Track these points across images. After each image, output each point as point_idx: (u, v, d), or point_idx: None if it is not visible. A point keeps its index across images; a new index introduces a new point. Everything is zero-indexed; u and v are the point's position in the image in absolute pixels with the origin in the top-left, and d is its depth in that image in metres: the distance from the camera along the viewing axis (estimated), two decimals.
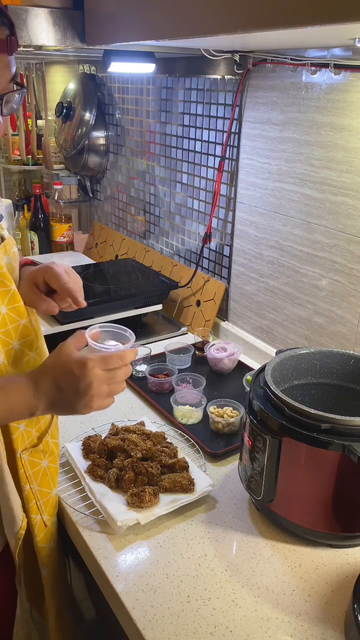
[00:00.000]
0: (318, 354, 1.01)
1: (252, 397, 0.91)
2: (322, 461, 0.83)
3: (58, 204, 2.23)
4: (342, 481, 0.83)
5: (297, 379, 1.02)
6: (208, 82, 1.55)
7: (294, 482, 0.87)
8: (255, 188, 1.43)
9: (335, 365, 1.01)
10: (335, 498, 0.85)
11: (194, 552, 0.89)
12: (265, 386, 0.90)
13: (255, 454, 0.89)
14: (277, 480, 0.87)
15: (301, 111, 1.25)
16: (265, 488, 0.89)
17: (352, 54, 1.10)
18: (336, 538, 0.89)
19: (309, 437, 0.81)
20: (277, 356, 0.98)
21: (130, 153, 2.05)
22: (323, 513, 0.87)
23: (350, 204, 1.17)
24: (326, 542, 0.90)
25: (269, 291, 1.45)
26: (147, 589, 0.82)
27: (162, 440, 1.09)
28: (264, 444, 0.86)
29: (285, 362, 0.99)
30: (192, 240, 1.77)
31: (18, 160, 2.48)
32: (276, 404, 0.86)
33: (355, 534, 0.88)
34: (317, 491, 0.85)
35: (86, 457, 1.06)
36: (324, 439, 0.80)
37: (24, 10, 1.09)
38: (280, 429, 0.84)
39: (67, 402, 0.78)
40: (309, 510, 0.87)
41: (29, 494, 0.90)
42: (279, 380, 0.97)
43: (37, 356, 0.91)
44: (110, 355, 0.79)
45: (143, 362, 1.41)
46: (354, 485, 0.84)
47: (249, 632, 0.76)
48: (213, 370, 1.45)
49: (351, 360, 1.00)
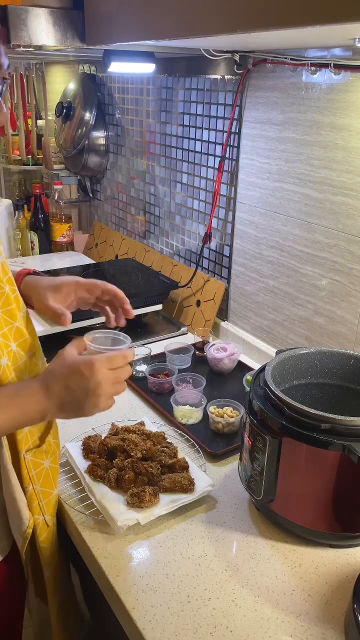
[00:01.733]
0: (318, 354, 1.01)
1: (252, 397, 0.91)
2: (322, 461, 0.83)
3: (58, 204, 2.23)
4: (342, 481, 0.83)
5: (297, 379, 1.02)
6: (208, 82, 1.55)
7: (294, 482, 0.87)
8: (255, 188, 1.43)
9: (335, 365, 1.01)
10: (335, 498, 0.85)
11: (194, 552, 0.89)
12: (265, 386, 0.90)
13: (255, 454, 0.89)
14: (277, 480, 0.87)
15: (301, 111, 1.25)
16: (265, 488, 0.89)
17: (352, 54, 1.10)
18: (336, 538, 0.89)
19: (309, 437, 0.81)
20: (277, 356, 0.98)
21: (130, 153, 2.06)
22: (323, 513, 0.87)
23: (350, 204, 1.17)
24: (326, 542, 0.90)
25: (269, 291, 1.45)
26: (147, 589, 0.82)
27: (162, 440, 1.09)
28: (264, 444, 0.86)
29: (285, 362, 0.99)
30: (192, 240, 1.77)
31: (18, 160, 2.48)
32: (276, 404, 0.86)
33: (355, 534, 0.88)
34: (317, 491, 0.85)
35: (86, 457, 1.05)
36: (324, 439, 0.80)
37: (24, 10, 1.09)
38: (280, 429, 0.84)
39: (77, 403, 0.79)
40: (309, 510, 0.88)
41: (32, 494, 0.90)
42: (279, 381, 0.97)
43: (35, 358, 0.91)
44: (115, 355, 0.81)
45: (143, 362, 1.41)
46: (354, 485, 0.84)
47: (249, 632, 0.76)
48: (213, 370, 1.45)
49: (351, 360, 1.00)
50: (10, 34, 1.09)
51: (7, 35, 0.79)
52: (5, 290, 0.85)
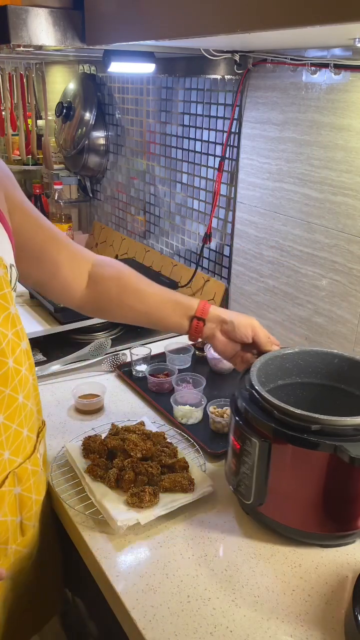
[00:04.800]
0: (302, 353, 1.02)
1: (239, 400, 0.90)
2: (313, 462, 0.82)
3: (58, 204, 2.23)
4: (332, 481, 0.83)
5: (282, 379, 1.02)
6: (208, 82, 1.55)
7: (284, 484, 0.86)
8: (255, 188, 1.43)
9: (320, 364, 1.02)
10: (326, 498, 0.84)
11: (194, 552, 0.89)
12: (251, 388, 0.89)
13: (244, 458, 0.88)
14: (267, 483, 0.87)
15: (301, 111, 1.25)
16: (255, 491, 0.89)
17: (352, 54, 1.10)
18: (327, 538, 0.89)
19: (299, 439, 0.81)
20: (262, 357, 0.98)
21: (130, 153, 2.06)
22: (314, 514, 0.86)
23: (350, 204, 1.17)
24: (317, 543, 0.90)
25: (269, 291, 1.46)
26: (147, 589, 0.82)
27: (162, 440, 1.09)
28: (253, 447, 0.86)
29: (270, 362, 0.99)
30: (192, 240, 1.77)
31: (18, 160, 2.48)
32: (264, 407, 0.86)
33: (346, 533, 0.88)
34: (307, 492, 0.85)
35: (86, 457, 1.05)
36: (315, 440, 0.80)
37: (24, 10, 1.09)
38: (270, 431, 0.84)
39: None
40: (300, 512, 0.87)
41: None
42: (264, 381, 0.96)
43: (28, 371, 0.87)
44: None
45: (143, 362, 1.41)
46: (344, 485, 0.84)
47: (249, 632, 0.76)
48: (213, 370, 1.45)
49: (335, 359, 1.00)
50: (11, 34, 1.09)
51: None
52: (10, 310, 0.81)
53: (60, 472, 1.04)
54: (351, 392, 0.99)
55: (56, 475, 1.04)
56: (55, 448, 1.10)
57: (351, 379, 0.99)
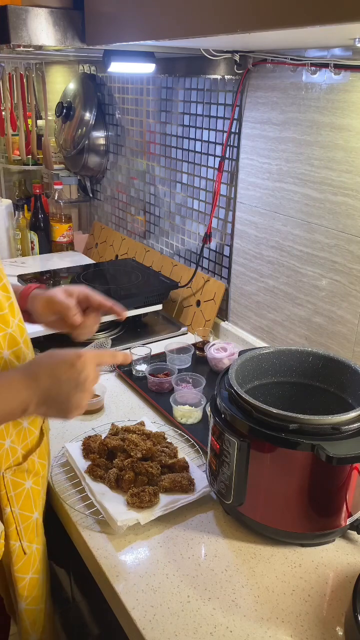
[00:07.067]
0: (277, 353, 1.03)
1: (218, 400, 0.90)
2: (292, 461, 0.83)
3: (58, 204, 2.23)
4: (311, 480, 0.83)
5: (258, 379, 1.03)
6: (208, 82, 1.55)
7: (263, 484, 0.87)
8: (255, 188, 1.43)
9: (294, 363, 1.03)
10: (305, 497, 0.85)
11: (194, 552, 0.89)
12: (230, 388, 0.90)
13: (224, 458, 0.88)
14: (246, 483, 0.87)
15: (301, 111, 1.25)
16: (235, 491, 0.89)
17: (352, 54, 1.10)
18: (307, 537, 0.89)
19: (277, 438, 0.81)
20: (240, 357, 0.99)
21: (130, 153, 2.06)
22: (293, 513, 0.86)
23: (350, 204, 1.17)
24: (297, 542, 0.90)
25: (269, 291, 1.46)
26: (147, 589, 0.82)
27: (162, 440, 1.09)
28: (232, 447, 0.86)
29: (247, 363, 1.00)
30: (192, 240, 1.77)
31: (18, 160, 2.48)
32: (243, 407, 0.86)
33: (325, 532, 0.88)
34: (286, 491, 0.85)
35: (86, 457, 1.06)
36: (293, 440, 0.80)
37: (24, 10, 1.09)
38: (248, 431, 0.84)
39: (64, 396, 0.74)
40: (280, 511, 0.87)
41: (9, 517, 0.85)
42: (241, 382, 0.97)
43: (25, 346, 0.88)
44: (104, 353, 0.79)
45: (143, 361, 1.41)
46: (323, 484, 0.84)
47: (249, 632, 0.76)
48: (213, 370, 1.45)
49: (309, 357, 1.01)
50: (11, 34, 1.09)
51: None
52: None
53: (60, 472, 1.05)
54: (326, 388, 1.01)
55: (56, 475, 1.04)
56: (56, 448, 1.10)
57: (325, 376, 1.01)
